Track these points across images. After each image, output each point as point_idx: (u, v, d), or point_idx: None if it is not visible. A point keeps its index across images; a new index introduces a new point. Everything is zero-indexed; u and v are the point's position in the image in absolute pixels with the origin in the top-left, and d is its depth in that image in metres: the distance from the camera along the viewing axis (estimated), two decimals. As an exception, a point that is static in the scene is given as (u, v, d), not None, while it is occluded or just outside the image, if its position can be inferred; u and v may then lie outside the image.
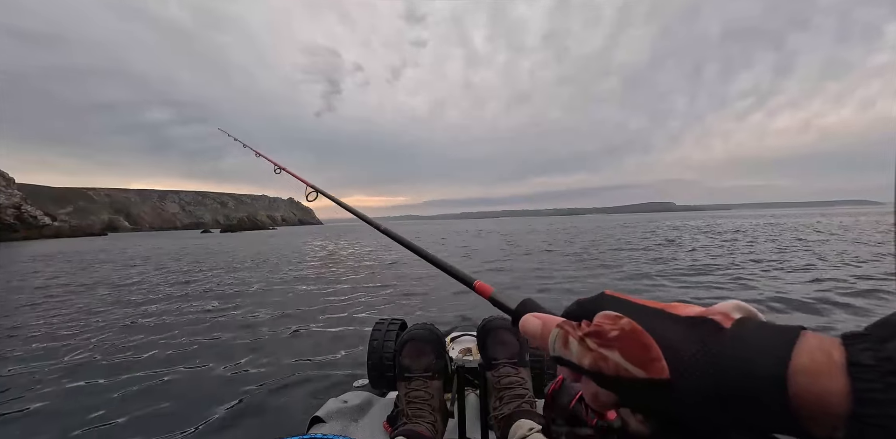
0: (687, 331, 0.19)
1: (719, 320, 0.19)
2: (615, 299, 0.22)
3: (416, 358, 1.08)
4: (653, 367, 0.19)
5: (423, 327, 1.15)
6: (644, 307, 0.21)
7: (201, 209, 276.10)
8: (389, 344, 1.17)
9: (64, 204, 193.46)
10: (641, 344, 0.19)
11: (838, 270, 6.79)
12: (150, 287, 7.54)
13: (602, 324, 0.21)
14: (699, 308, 0.20)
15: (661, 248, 12.12)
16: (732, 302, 0.21)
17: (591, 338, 0.21)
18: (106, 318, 4.95)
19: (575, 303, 0.25)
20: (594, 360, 0.20)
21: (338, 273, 8.95)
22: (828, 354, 0.18)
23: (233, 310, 5.31)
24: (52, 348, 3.72)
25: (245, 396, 2.56)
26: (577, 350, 0.21)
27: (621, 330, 0.20)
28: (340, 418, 1.18)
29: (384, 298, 5.86)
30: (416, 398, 1.04)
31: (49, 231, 68.04)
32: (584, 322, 0.22)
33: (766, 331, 0.18)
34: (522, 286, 6.60)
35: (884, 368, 0.18)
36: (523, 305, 0.32)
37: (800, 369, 0.18)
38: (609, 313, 0.21)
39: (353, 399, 1.28)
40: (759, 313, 0.20)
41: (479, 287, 0.44)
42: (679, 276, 6.94)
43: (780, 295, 5.12)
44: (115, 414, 2.33)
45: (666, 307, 0.21)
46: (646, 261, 9.30)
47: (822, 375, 0.18)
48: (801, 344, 0.18)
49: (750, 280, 6.32)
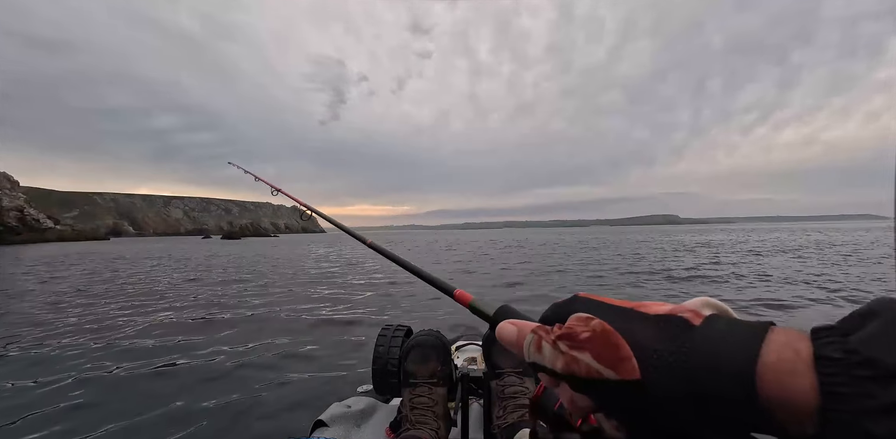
0: (656, 330, 0.19)
1: (688, 317, 0.19)
2: (588, 300, 0.22)
3: (422, 364, 1.08)
4: (623, 368, 0.19)
5: (429, 333, 1.14)
6: (615, 307, 0.21)
7: (205, 215, 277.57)
8: (395, 350, 1.18)
9: (70, 207, 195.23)
10: (612, 344, 0.19)
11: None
12: (168, 289, 7.61)
13: (573, 326, 0.20)
14: (669, 305, 0.20)
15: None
16: (702, 298, 0.20)
17: (563, 341, 0.20)
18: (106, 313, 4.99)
19: (550, 306, 0.25)
20: (566, 363, 0.19)
21: (342, 276, 8.94)
22: (795, 350, 0.18)
23: (239, 309, 5.29)
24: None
25: (248, 397, 2.57)
26: (550, 353, 0.20)
27: (592, 331, 0.19)
28: (343, 422, 1.18)
29: (388, 301, 5.83)
30: (420, 404, 1.04)
31: (51, 234, 68.31)
32: (556, 325, 0.21)
33: (735, 328, 0.18)
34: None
35: (849, 361, 0.18)
36: (500, 312, 0.32)
37: (768, 366, 0.18)
38: (581, 315, 0.21)
39: (356, 404, 1.27)
40: (730, 309, 0.19)
41: (459, 295, 0.44)
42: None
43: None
44: (113, 414, 2.31)
45: (637, 306, 0.20)
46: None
47: (790, 371, 0.18)
48: (770, 341, 0.18)
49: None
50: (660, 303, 0.20)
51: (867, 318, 0.18)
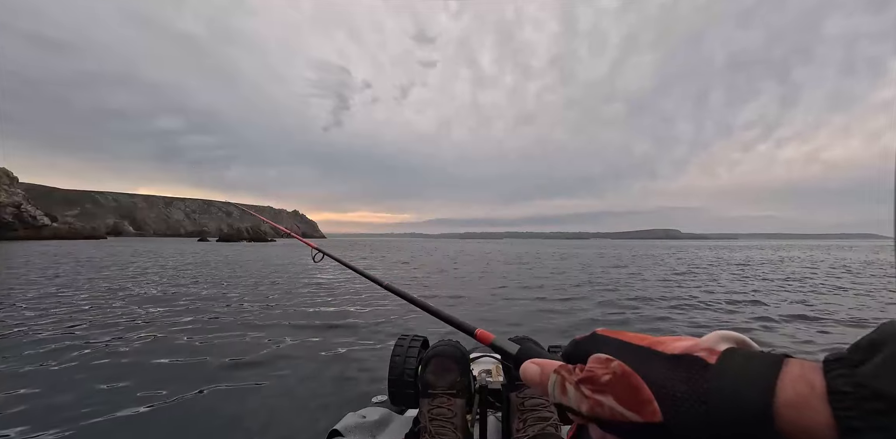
0: (673, 371, 0.19)
1: (703, 357, 0.19)
2: (606, 338, 0.22)
3: (441, 374, 1.06)
4: (645, 410, 0.19)
5: (448, 344, 1.13)
6: (633, 346, 0.21)
7: (206, 217, 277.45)
8: (412, 361, 1.17)
9: (72, 206, 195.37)
10: (633, 387, 0.19)
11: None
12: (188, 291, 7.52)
13: (594, 368, 0.20)
14: (687, 342, 0.20)
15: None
16: (717, 333, 0.20)
17: (585, 385, 0.20)
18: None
19: (571, 342, 0.25)
20: (591, 407, 0.20)
21: (350, 283, 8.87)
22: (810, 384, 0.18)
23: (246, 313, 5.25)
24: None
25: (264, 405, 2.54)
26: (575, 396, 0.20)
27: (613, 374, 0.20)
28: (358, 433, 1.16)
29: (397, 309, 5.79)
30: (439, 415, 1.02)
31: (47, 232, 67.83)
32: (578, 366, 0.21)
33: (750, 364, 0.19)
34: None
35: (859, 395, 0.18)
36: (522, 351, 0.32)
37: (784, 402, 0.18)
38: (600, 356, 0.21)
39: (371, 414, 1.26)
40: (747, 339, 0.19)
41: (481, 335, 0.46)
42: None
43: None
44: (128, 424, 2.26)
45: (653, 344, 0.20)
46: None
47: (806, 407, 0.18)
48: (785, 375, 0.19)
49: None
50: (677, 337, 0.20)
51: (875, 347, 0.19)
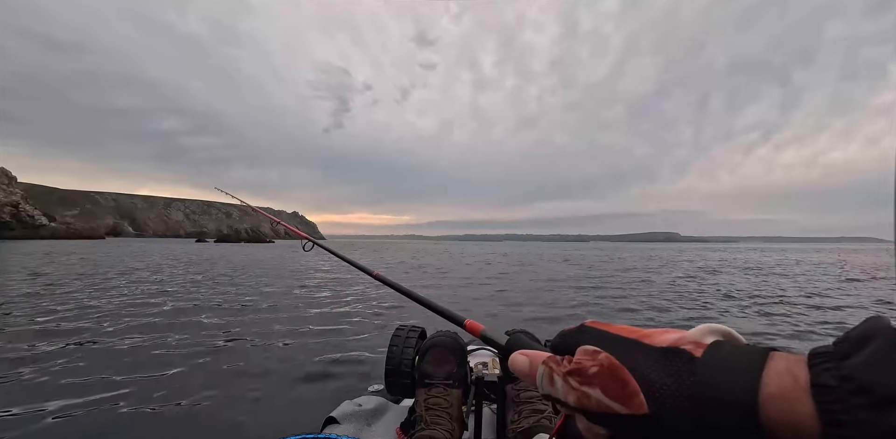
0: (660, 363, 0.19)
1: (690, 350, 0.19)
2: (594, 330, 0.22)
3: (439, 364, 1.07)
4: (632, 402, 0.19)
5: (446, 335, 1.14)
6: (620, 338, 0.21)
7: (206, 218, 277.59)
8: (409, 351, 1.17)
9: (71, 206, 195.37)
10: (619, 379, 0.19)
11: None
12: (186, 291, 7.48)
13: (582, 360, 0.21)
14: (674, 335, 0.20)
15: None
16: (705, 326, 0.20)
17: (573, 377, 0.20)
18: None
19: (559, 334, 0.24)
20: (578, 399, 0.20)
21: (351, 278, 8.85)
22: (794, 377, 0.19)
23: (248, 308, 5.21)
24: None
25: (260, 392, 2.57)
26: (562, 388, 0.21)
27: (600, 366, 0.20)
28: (354, 421, 1.17)
29: (390, 300, 5.77)
30: (435, 405, 1.02)
31: (45, 232, 67.51)
32: (566, 358, 0.21)
33: (736, 357, 0.19)
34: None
35: (845, 388, 0.19)
36: (511, 342, 0.32)
37: (769, 395, 0.19)
38: (588, 348, 0.21)
39: (367, 403, 1.26)
40: (734, 331, 0.20)
41: (470, 325, 0.45)
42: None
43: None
44: (128, 411, 2.26)
45: (642, 336, 0.20)
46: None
47: (790, 400, 0.19)
48: (770, 369, 0.19)
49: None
50: (665, 330, 0.20)
51: (862, 341, 0.19)
